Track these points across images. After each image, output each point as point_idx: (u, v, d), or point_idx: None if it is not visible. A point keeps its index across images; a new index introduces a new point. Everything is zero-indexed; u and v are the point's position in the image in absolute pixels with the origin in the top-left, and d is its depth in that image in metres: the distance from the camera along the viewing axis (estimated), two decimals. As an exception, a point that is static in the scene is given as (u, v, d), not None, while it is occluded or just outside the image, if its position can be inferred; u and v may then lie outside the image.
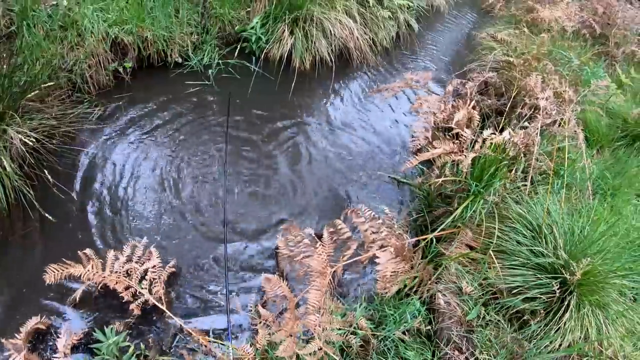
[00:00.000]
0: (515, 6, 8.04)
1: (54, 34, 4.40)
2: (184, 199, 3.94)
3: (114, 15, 4.64)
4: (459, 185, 3.60)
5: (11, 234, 3.50)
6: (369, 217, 3.25)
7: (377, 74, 6.03)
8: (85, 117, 4.35)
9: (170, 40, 5.03)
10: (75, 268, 2.95)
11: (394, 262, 3.02)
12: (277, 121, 4.88)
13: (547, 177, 3.71)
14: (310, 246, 3.08)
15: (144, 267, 3.15)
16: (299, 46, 5.37)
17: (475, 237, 3.35)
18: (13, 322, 3.00)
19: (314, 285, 2.73)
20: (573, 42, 6.21)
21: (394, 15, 6.37)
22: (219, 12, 5.33)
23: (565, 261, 2.87)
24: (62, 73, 4.35)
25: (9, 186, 3.45)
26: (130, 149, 4.25)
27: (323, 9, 5.51)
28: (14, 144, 3.56)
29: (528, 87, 4.49)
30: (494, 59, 5.50)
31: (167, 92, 4.93)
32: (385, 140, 4.93)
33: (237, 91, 5.11)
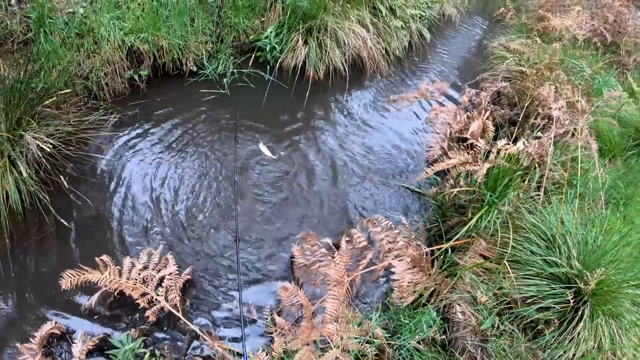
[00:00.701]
0: (526, 15, 8.05)
1: (71, 41, 4.46)
2: (199, 206, 3.98)
3: (130, 24, 4.70)
4: (473, 196, 3.60)
5: (26, 238, 3.55)
6: (385, 226, 3.26)
7: (390, 84, 6.05)
8: (100, 124, 4.40)
9: (186, 49, 5.09)
10: (92, 274, 2.98)
11: (410, 272, 3.03)
12: (291, 130, 4.92)
13: (560, 187, 3.71)
14: (326, 255, 3.09)
15: (160, 274, 3.17)
16: (313, 56, 5.41)
17: (489, 247, 3.36)
18: (28, 327, 3.05)
19: (331, 294, 2.75)
20: (584, 50, 6.20)
21: (406, 25, 6.40)
22: (234, 21, 5.38)
23: (579, 271, 2.87)
24: (78, 80, 4.42)
25: (25, 191, 3.50)
26: (145, 156, 4.31)
27: (337, 18, 5.55)
28: (31, 149, 3.61)
29: (541, 97, 4.48)
30: (506, 69, 5.49)
31: (182, 101, 4.98)
32: (399, 149, 4.96)
33: (251, 100, 5.16)
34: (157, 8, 4.89)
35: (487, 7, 9.85)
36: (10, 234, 3.46)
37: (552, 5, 8.54)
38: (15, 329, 3.05)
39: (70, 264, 3.29)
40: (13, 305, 3.19)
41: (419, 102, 5.57)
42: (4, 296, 3.22)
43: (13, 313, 3.14)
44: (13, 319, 3.11)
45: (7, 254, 3.40)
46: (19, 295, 3.24)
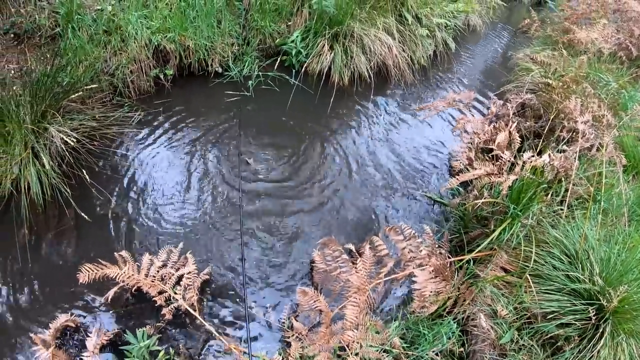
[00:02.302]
0: (551, 27, 8.00)
1: (98, 38, 4.51)
2: (220, 207, 3.98)
3: (157, 23, 4.74)
4: (496, 207, 3.57)
5: (46, 230, 3.58)
6: (408, 235, 3.24)
7: (414, 92, 6.03)
8: (125, 121, 4.44)
9: (212, 50, 5.12)
10: (110, 269, 2.98)
11: (433, 282, 3.00)
12: (315, 135, 4.92)
13: (583, 202, 3.68)
14: (348, 261, 3.07)
15: (179, 273, 3.17)
16: (339, 61, 5.41)
17: (510, 260, 3.32)
18: (43, 318, 3.07)
19: (351, 301, 2.73)
20: (610, 64, 6.14)
21: (431, 34, 6.39)
22: (260, 24, 5.40)
23: (601, 288, 2.83)
24: (104, 76, 4.47)
25: (47, 183, 3.54)
26: (168, 155, 4.33)
27: (363, 25, 5.55)
28: (54, 142, 3.65)
29: (567, 109, 4.44)
30: (532, 81, 5.45)
31: (206, 101, 5.01)
32: (422, 158, 4.94)
33: (276, 103, 5.18)
34: (184, 8, 4.93)
35: (512, 18, 9.83)
36: (30, 224, 3.49)
37: (577, 17, 8.48)
38: (30, 319, 3.08)
39: (88, 257, 3.33)
40: (29, 295, 3.21)
41: (443, 111, 5.51)
42: (21, 285, 3.24)
43: (28, 303, 3.16)
44: (28, 309, 3.13)
45: (26, 244, 3.43)
46: (35, 286, 3.26)
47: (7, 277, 3.27)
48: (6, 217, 3.53)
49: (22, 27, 4.44)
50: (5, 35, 4.47)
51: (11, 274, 3.30)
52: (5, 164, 3.49)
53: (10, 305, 3.13)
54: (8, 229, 3.48)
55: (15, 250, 3.40)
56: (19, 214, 3.45)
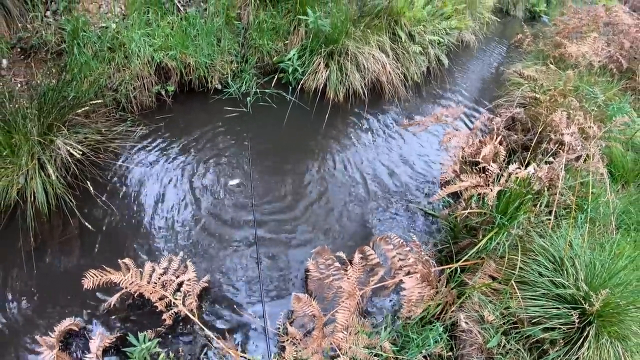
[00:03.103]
0: (543, 41, 8.12)
1: (102, 54, 4.63)
2: (219, 218, 4.10)
3: (160, 41, 4.86)
4: (484, 218, 3.69)
5: (50, 238, 3.68)
6: (397, 244, 3.35)
7: (407, 108, 6.15)
8: (127, 135, 4.56)
9: (211, 68, 5.24)
10: (114, 275, 3.08)
11: (419, 287, 3.11)
12: (310, 150, 5.04)
13: (570, 212, 3.75)
14: (340, 269, 3.18)
15: (179, 280, 3.28)
16: (334, 79, 5.53)
17: (498, 268, 3.42)
18: (47, 322, 3.17)
19: (343, 306, 2.84)
20: (600, 77, 6.25)
21: (424, 51, 6.52)
22: (258, 42, 5.53)
23: (586, 293, 2.92)
24: (108, 92, 4.59)
25: (52, 193, 3.65)
26: (169, 168, 4.45)
27: (357, 43, 5.68)
28: (60, 154, 3.76)
29: (553, 123, 4.56)
30: (521, 95, 5.58)
31: (206, 117, 5.13)
32: (413, 172, 5.05)
33: (273, 119, 5.29)
34: (185, 27, 5.06)
35: (505, 33, 9.98)
36: (35, 233, 3.59)
37: (569, 32, 8.61)
38: (35, 323, 3.17)
39: (92, 265, 3.36)
40: (34, 300, 3.30)
41: (434, 126, 5.65)
42: (26, 291, 3.34)
43: (33, 308, 3.26)
44: (33, 313, 3.23)
45: (31, 252, 3.54)
46: (40, 292, 3.36)
47: (13, 283, 3.37)
48: (12, 226, 3.64)
49: (29, 42, 4.53)
50: (13, 50, 4.56)
51: (17, 280, 3.39)
52: (12, 174, 3.58)
53: (16, 309, 3.23)
54: (14, 237, 3.58)
55: (20, 258, 3.49)
56: (25, 223, 3.55)
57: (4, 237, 3.60)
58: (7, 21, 4.50)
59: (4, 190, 3.55)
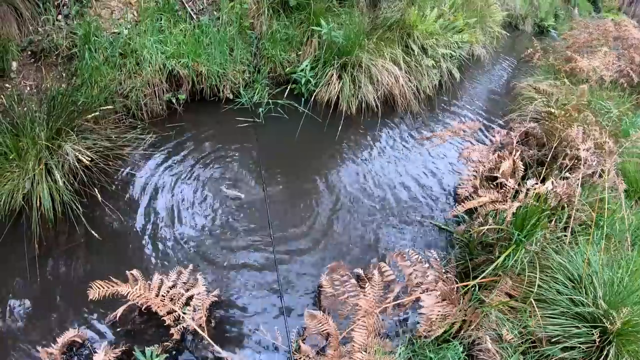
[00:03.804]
0: (553, 56, 8.10)
1: (114, 60, 4.60)
2: (229, 230, 4.01)
3: (172, 48, 4.83)
4: (501, 234, 3.62)
5: (55, 246, 3.61)
6: (415, 260, 3.27)
7: (420, 122, 6.09)
8: (137, 142, 4.49)
9: (223, 77, 5.18)
10: (122, 287, 3.01)
11: (440, 306, 3.03)
12: (323, 163, 4.97)
13: (586, 228, 3.72)
14: (356, 286, 3.10)
15: (189, 294, 3.18)
16: (347, 91, 5.48)
17: (515, 286, 3.35)
18: (50, 332, 3.08)
19: (360, 324, 2.76)
20: (611, 91, 6.22)
21: (437, 64, 6.47)
22: (271, 53, 5.49)
23: (605, 311, 2.87)
24: (118, 98, 4.55)
25: (58, 199, 3.57)
26: (178, 177, 4.37)
27: (371, 55, 5.64)
28: (68, 160, 3.69)
29: (569, 138, 4.52)
30: (535, 109, 5.53)
31: (217, 127, 5.07)
32: (426, 185, 4.97)
33: (285, 131, 5.23)
34: (198, 35, 5.03)
35: (515, 48, 9.97)
36: (40, 239, 3.52)
37: (579, 46, 8.62)
38: (37, 333, 3.09)
39: (98, 275, 3.30)
40: (37, 308, 3.23)
41: (447, 141, 5.57)
42: (29, 299, 3.27)
43: (36, 316, 3.18)
44: (35, 323, 3.15)
45: (35, 259, 3.46)
46: (43, 300, 3.28)
47: (15, 290, 3.30)
48: (16, 231, 3.57)
49: (40, 46, 4.51)
50: (23, 53, 4.54)
51: (19, 286, 3.33)
52: (18, 178, 3.52)
53: (17, 317, 3.16)
54: (18, 243, 3.52)
55: (24, 264, 3.43)
56: (30, 229, 3.49)
57: (8, 242, 3.53)
58: (18, 24, 4.49)
59: (10, 195, 3.48)
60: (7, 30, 4.41)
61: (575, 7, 17.08)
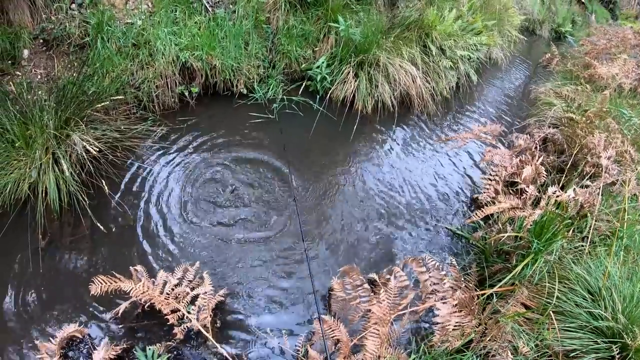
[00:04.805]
0: (571, 62, 8.03)
1: (126, 50, 4.55)
2: (239, 229, 3.92)
3: (186, 40, 4.77)
4: (519, 242, 3.52)
5: (59, 237, 3.55)
6: (432, 267, 3.17)
7: (436, 123, 6.00)
8: (147, 134, 4.43)
9: (238, 71, 5.13)
10: (125, 283, 2.92)
11: (457, 316, 2.92)
12: (338, 163, 4.87)
13: (605, 239, 3.64)
14: (369, 291, 3.00)
15: (194, 293, 3.10)
16: (363, 89, 5.41)
17: (531, 296, 3.24)
18: (49, 326, 3.02)
19: (372, 332, 2.65)
20: (631, 99, 6.13)
21: (454, 66, 6.39)
22: (287, 48, 5.43)
23: (625, 326, 2.81)
24: (129, 89, 4.49)
25: (65, 190, 3.52)
26: (188, 172, 4.30)
27: (389, 54, 5.57)
28: (76, 150, 3.64)
29: (590, 145, 4.42)
30: (554, 115, 5.43)
31: (230, 121, 5.00)
32: (442, 189, 4.87)
33: (300, 128, 5.15)
34: (213, 28, 4.97)
35: (532, 53, 9.91)
36: (44, 230, 3.47)
37: (598, 53, 8.56)
38: (37, 326, 3.03)
39: (101, 269, 3.31)
40: (37, 301, 3.16)
41: (467, 143, 5.49)
42: (30, 291, 3.20)
43: (36, 309, 3.11)
44: (35, 315, 3.08)
45: (38, 249, 3.40)
46: (44, 293, 3.21)
47: (17, 281, 3.24)
48: (21, 221, 3.51)
49: (52, 34, 4.46)
50: (35, 41, 4.50)
51: (21, 278, 3.26)
52: (25, 167, 3.48)
53: (18, 310, 3.09)
54: (22, 233, 3.46)
55: (27, 255, 3.37)
56: (34, 219, 3.44)
57: (12, 231, 3.47)
58: (31, 11, 4.44)
59: (15, 184, 3.43)
60: (19, 18, 4.38)
61: (592, 13, 17.05)
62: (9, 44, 4.28)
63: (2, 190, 3.41)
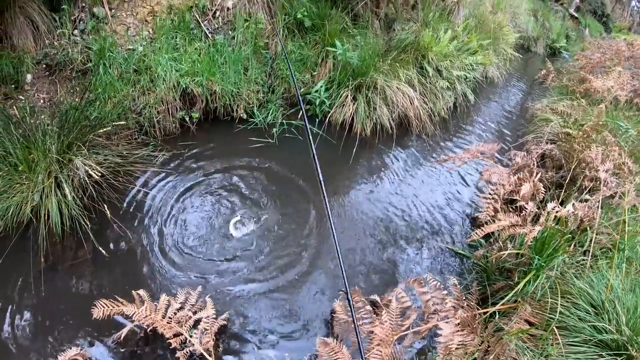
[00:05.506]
0: (567, 77, 8.12)
1: (128, 76, 4.61)
2: (238, 253, 3.91)
3: (186, 66, 4.83)
4: (520, 259, 3.53)
5: (61, 260, 3.55)
6: (433, 287, 3.18)
7: (435, 144, 6.04)
8: (149, 160, 4.45)
9: (237, 96, 5.17)
10: (127, 306, 2.93)
11: (460, 335, 2.92)
12: (338, 185, 4.88)
13: (606, 252, 3.64)
14: (371, 313, 3.00)
15: (197, 316, 3.09)
16: (361, 112, 5.44)
17: (534, 313, 3.24)
18: (51, 350, 3.01)
19: (375, 353, 2.65)
20: (627, 111, 6.18)
21: (451, 86, 6.47)
22: (285, 73, 5.48)
23: (629, 337, 2.80)
24: (131, 114, 4.53)
25: (67, 214, 3.53)
26: (190, 197, 4.30)
27: (386, 77, 5.62)
28: (78, 174, 3.67)
29: (588, 159, 4.46)
30: (551, 131, 5.48)
31: (230, 146, 5.02)
32: (442, 209, 4.88)
33: (300, 153, 5.12)
34: (213, 54, 5.03)
35: (528, 69, 10.01)
36: (46, 253, 3.48)
37: (593, 67, 8.69)
38: (38, 350, 3.02)
39: (103, 293, 3.30)
40: (39, 324, 3.16)
41: (466, 163, 5.49)
42: (32, 314, 3.20)
43: (38, 332, 3.11)
44: (37, 339, 3.07)
45: (41, 272, 3.41)
46: (46, 315, 3.21)
47: (19, 304, 3.24)
48: (23, 244, 3.52)
49: (55, 59, 4.54)
50: (38, 65, 4.57)
51: (23, 301, 3.26)
52: (27, 190, 3.50)
53: (19, 333, 3.09)
54: (24, 256, 3.47)
55: (29, 278, 3.38)
56: (37, 242, 3.45)
57: (14, 253, 3.48)
58: (34, 36, 4.54)
59: (18, 207, 3.45)
60: (23, 43, 4.47)
61: (586, 28, 17.29)
62: (13, 68, 4.35)
63: (5, 213, 3.43)
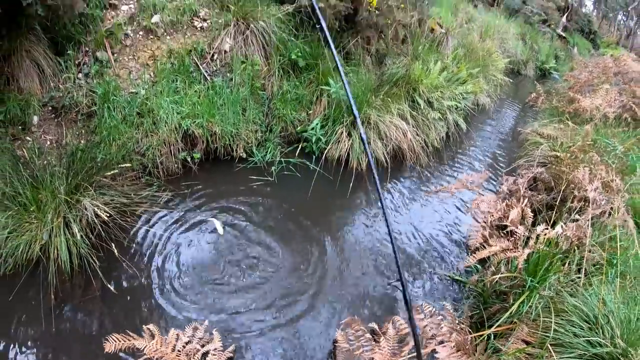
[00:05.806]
0: (556, 98, 8.24)
1: (131, 119, 4.73)
2: (243, 289, 3.98)
3: (187, 109, 4.97)
4: (514, 281, 3.63)
5: (71, 298, 3.61)
6: (429, 313, 3.29)
7: (429, 174, 6.14)
8: (153, 199, 4.55)
9: (237, 136, 5.28)
10: (138, 340, 3.02)
11: (455, 357, 3.02)
12: (336, 219, 4.99)
13: (600, 268, 3.70)
14: (371, 341, 3.10)
15: (204, 349, 3.18)
16: (357, 147, 5.55)
17: (531, 332, 3.32)
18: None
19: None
20: (616, 128, 6.26)
21: (443, 116, 6.59)
22: (282, 112, 5.62)
23: (624, 349, 2.86)
24: (135, 156, 4.66)
25: (75, 253, 3.61)
26: (194, 235, 4.39)
27: (379, 112, 5.76)
28: (86, 214, 3.76)
29: (576, 180, 4.55)
30: (541, 154, 5.58)
31: (231, 185, 5.12)
32: (438, 238, 4.97)
33: (298, 189, 5.23)
34: (212, 96, 5.18)
35: (518, 93, 10.12)
36: (56, 290, 3.54)
37: (581, 86, 8.80)
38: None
39: (113, 328, 3.36)
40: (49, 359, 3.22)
41: (456, 193, 5.62)
42: (42, 349, 3.26)
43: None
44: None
45: (51, 310, 3.48)
46: (56, 351, 3.27)
47: (29, 341, 3.30)
48: (32, 281, 3.60)
49: (61, 102, 4.66)
50: (44, 108, 4.68)
51: (33, 338, 3.32)
52: (36, 229, 3.59)
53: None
54: (34, 293, 3.55)
55: (39, 315, 3.44)
56: (46, 279, 3.52)
57: (24, 291, 3.56)
58: (40, 79, 4.65)
59: (27, 245, 3.53)
60: (29, 85, 4.58)
61: (574, 46, 17.41)
62: (20, 110, 4.47)
63: (15, 251, 3.51)
